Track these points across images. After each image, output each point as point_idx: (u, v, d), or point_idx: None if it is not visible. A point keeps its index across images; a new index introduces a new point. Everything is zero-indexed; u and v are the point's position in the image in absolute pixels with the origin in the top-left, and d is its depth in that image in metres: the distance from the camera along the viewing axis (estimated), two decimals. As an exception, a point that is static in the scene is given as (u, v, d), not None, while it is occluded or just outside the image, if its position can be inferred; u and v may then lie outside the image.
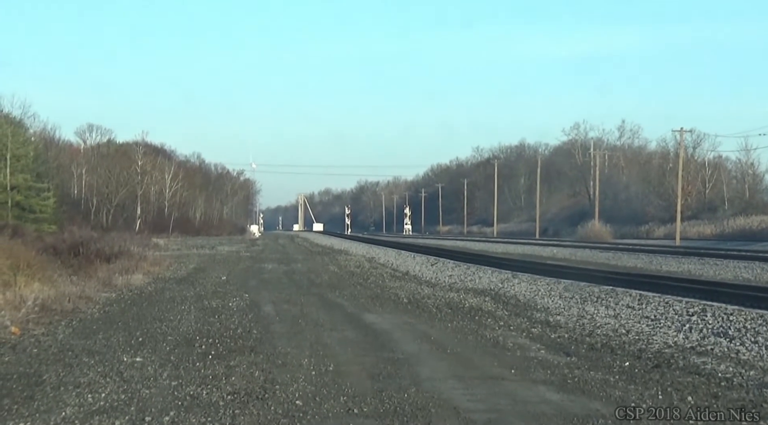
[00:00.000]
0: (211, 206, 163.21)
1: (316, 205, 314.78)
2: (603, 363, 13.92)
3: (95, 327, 18.08)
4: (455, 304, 23.55)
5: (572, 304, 23.50)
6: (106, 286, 27.65)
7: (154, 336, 16.71)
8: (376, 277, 35.07)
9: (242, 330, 17.74)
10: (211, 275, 35.24)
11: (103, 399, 11.01)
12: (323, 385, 11.93)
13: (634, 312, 21.27)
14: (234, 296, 25.51)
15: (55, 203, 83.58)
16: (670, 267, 43.34)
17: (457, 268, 40.40)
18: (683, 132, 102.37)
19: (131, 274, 32.16)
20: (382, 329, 18.40)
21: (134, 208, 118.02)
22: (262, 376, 12.55)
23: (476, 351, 15.32)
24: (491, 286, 29.89)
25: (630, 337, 17.13)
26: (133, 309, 21.78)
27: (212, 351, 14.80)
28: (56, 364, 13.46)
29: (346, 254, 61.23)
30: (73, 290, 24.27)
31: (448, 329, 18.38)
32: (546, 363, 13.86)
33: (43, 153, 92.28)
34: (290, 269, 40.73)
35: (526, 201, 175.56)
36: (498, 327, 18.62)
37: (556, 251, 65.11)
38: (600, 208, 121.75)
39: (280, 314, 21.12)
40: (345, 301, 24.72)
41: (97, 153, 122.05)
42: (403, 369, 13.28)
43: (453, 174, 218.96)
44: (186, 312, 21.05)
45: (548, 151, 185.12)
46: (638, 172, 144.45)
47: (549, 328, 18.55)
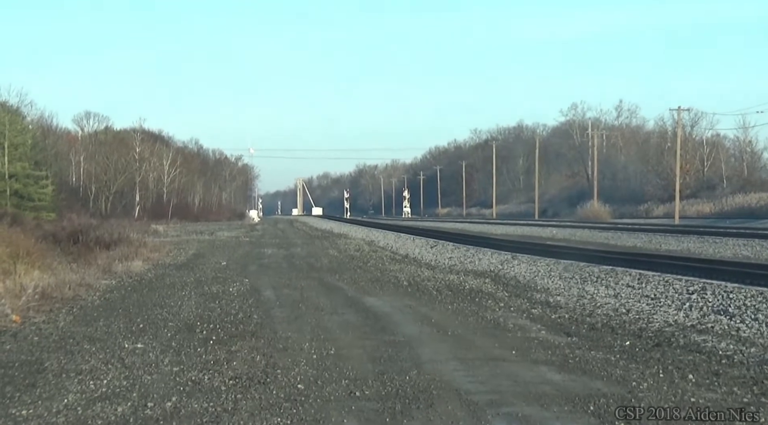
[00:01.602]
0: (209, 191, 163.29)
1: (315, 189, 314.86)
2: (604, 343, 13.93)
3: (96, 314, 18.09)
4: (455, 286, 23.56)
5: (572, 284, 23.51)
6: (105, 273, 27.65)
7: (154, 323, 16.71)
8: (376, 260, 35.08)
9: (243, 315, 17.74)
10: (211, 261, 35.25)
11: (105, 385, 11.02)
12: (325, 369, 11.94)
13: (634, 291, 21.28)
14: (234, 282, 25.51)
15: (54, 190, 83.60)
16: (669, 246, 43.35)
17: (457, 250, 40.41)
18: (681, 111, 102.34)
19: (131, 261, 32.15)
20: (382, 312, 18.41)
21: (133, 195, 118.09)
22: (263, 361, 12.56)
23: (477, 332, 15.33)
24: (491, 267, 29.90)
25: (630, 316, 17.15)
26: (133, 296, 21.79)
27: (213, 337, 14.81)
28: (57, 351, 13.47)
29: (345, 237, 61.22)
30: (73, 277, 24.27)
31: (449, 311, 18.39)
32: (547, 344, 13.88)
33: (41, 141, 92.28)
34: (290, 254, 40.73)
35: (525, 182, 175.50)
36: (498, 309, 18.63)
37: (555, 231, 65.11)
38: (599, 188, 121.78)
39: (281, 298, 21.13)
40: (345, 285, 24.73)
41: (94, 140, 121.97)
42: (404, 351, 13.30)
43: (451, 156, 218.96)
44: (186, 298, 21.05)
45: (546, 132, 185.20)
46: (636, 151, 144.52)
47: (549, 309, 18.56)
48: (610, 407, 9.66)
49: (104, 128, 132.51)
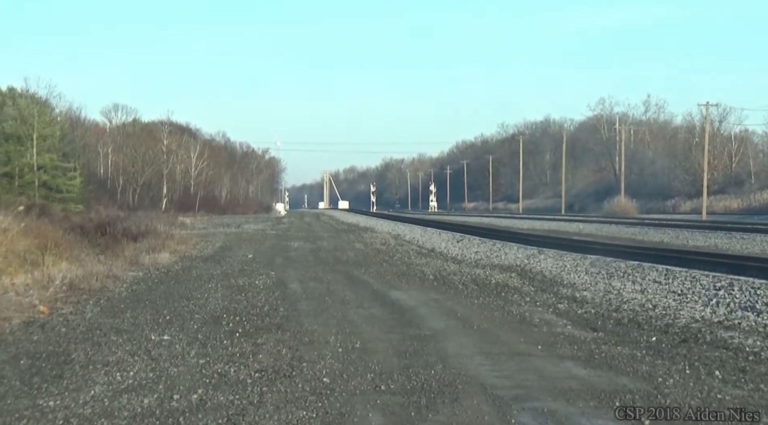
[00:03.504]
0: (236, 184, 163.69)
1: (341, 183, 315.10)
2: (630, 338, 13.87)
3: (123, 306, 18.15)
4: (481, 280, 23.52)
5: (599, 279, 23.43)
6: (133, 265, 27.74)
7: (181, 315, 16.76)
8: (402, 254, 35.05)
9: (269, 308, 17.77)
10: (238, 254, 35.30)
11: (132, 377, 11.05)
12: (350, 362, 11.94)
13: (661, 287, 21.19)
14: (260, 274, 25.54)
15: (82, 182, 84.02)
16: (696, 242, 43.14)
17: (483, 244, 40.33)
18: (709, 106, 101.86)
19: (158, 253, 32.27)
20: (408, 306, 18.40)
21: (160, 187, 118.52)
22: (289, 354, 12.57)
23: (503, 327, 15.30)
24: (517, 262, 29.83)
25: (657, 312, 17.08)
26: (160, 288, 21.85)
27: (239, 329, 14.83)
28: (85, 343, 13.52)
29: (371, 231, 61.20)
30: (100, 269, 24.36)
31: (475, 305, 18.36)
32: (573, 339, 13.83)
33: (69, 133, 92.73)
34: (316, 247, 40.75)
35: (552, 177, 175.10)
36: (524, 303, 18.59)
37: (582, 226, 64.92)
38: (626, 183, 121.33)
39: (307, 291, 21.15)
40: (371, 278, 24.73)
41: (122, 132, 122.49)
42: (429, 345, 13.28)
43: (478, 151, 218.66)
44: (213, 290, 21.10)
45: (573, 126, 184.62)
46: (664, 147, 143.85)
47: (575, 304, 18.50)
48: (636, 403, 9.63)
49: (132, 120, 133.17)
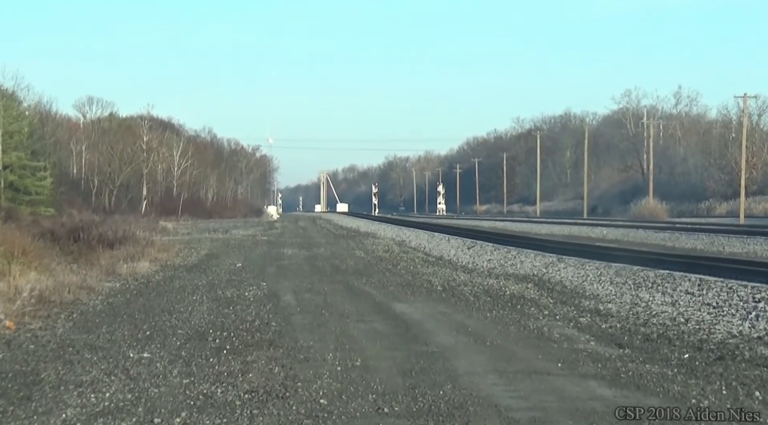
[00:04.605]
0: (224, 185, 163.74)
1: (340, 183, 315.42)
2: (660, 356, 13.87)
3: (98, 320, 18.16)
4: (495, 291, 23.53)
5: (625, 290, 23.42)
6: (109, 275, 27.77)
7: (162, 330, 16.77)
8: (407, 262, 35.07)
9: (260, 322, 17.78)
10: (225, 262, 35.34)
11: (108, 399, 11.05)
12: (350, 382, 11.94)
13: (694, 299, 21.18)
14: (250, 285, 25.57)
15: (53, 183, 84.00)
16: (733, 248, 43.12)
17: (497, 251, 40.35)
18: (747, 98, 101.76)
19: (137, 261, 32.29)
20: (414, 319, 18.42)
21: (139, 188, 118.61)
22: (282, 373, 12.58)
23: (518, 342, 15.30)
24: (534, 271, 29.84)
25: (689, 326, 17.07)
26: (139, 300, 21.87)
27: (227, 346, 14.85)
28: (55, 361, 13.52)
29: (373, 237, 61.26)
30: (73, 279, 24.38)
31: (487, 319, 18.37)
32: (596, 356, 13.83)
33: (39, 129, 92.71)
34: (312, 255, 40.78)
35: (572, 177, 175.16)
36: (542, 317, 18.60)
37: (606, 231, 64.91)
38: (654, 183, 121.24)
39: (302, 304, 21.16)
40: (373, 289, 24.75)
41: (97, 128, 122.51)
42: (437, 363, 13.29)
43: (491, 148, 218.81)
44: (198, 303, 21.12)
45: (596, 121, 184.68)
46: (697, 143, 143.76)
47: (599, 317, 18.51)
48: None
49: (108, 114, 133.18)
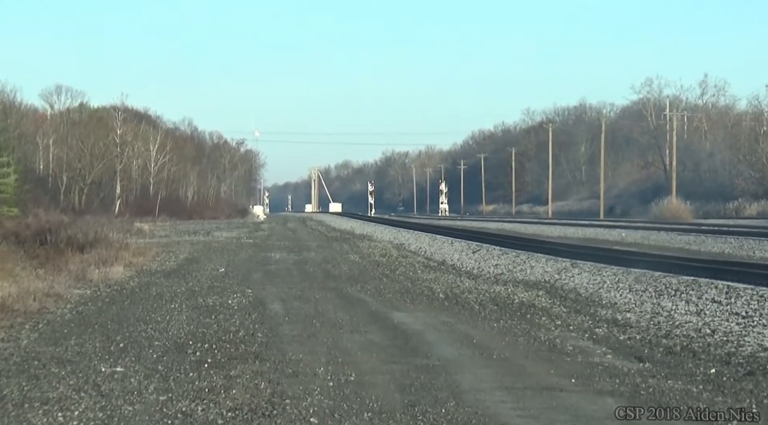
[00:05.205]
0: (205, 183, 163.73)
1: (333, 181, 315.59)
2: (683, 370, 13.86)
3: (66, 331, 18.14)
4: (502, 299, 23.56)
5: (645, 298, 23.44)
6: (79, 281, 27.75)
7: (137, 341, 16.75)
8: (406, 267, 35.11)
9: (244, 333, 17.78)
10: (207, 267, 35.35)
11: (77, 418, 11.03)
12: (343, 399, 11.94)
13: (721, 308, 21.18)
14: (234, 292, 25.58)
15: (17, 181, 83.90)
16: (764, 253, 43.13)
17: (505, 256, 40.36)
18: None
19: (110, 266, 32.27)
20: (413, 330, 18.43)
21: (113, 186, 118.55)
22: (268, 388, 12.57)
23: (528, 356, 15.31)
24: (546, 277, 29.86)
25: (716, 338, 17.07)
26: (112, 309, 21.86)
27: (208, 359, 14.84)
28: (19, 376, 13.50)
29: (369, 240, 61.33)
30: (39, 286, 24.36)
31: (494, 329, 18.39)
32: (613, 371, 13.83)
33: (2, 120, 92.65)
34: (302, 259, 40.81)
35: (588, 174, 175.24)
36: (555, 327, 18.61)
37: (624, 234, 64.95)
38: (678, 181, 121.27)
39: (291, 313, 21.17)
40: (368, 297, 24.78)
41: (66, 120, 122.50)
42: (439, 378, 13.29)
43: (498, 142, 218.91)
44: (176, 312, 21.12)
45: (614, 113, 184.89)
46: (725, 137, 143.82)
47: (617, 328, 18.52)
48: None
49: (78, 105, 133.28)
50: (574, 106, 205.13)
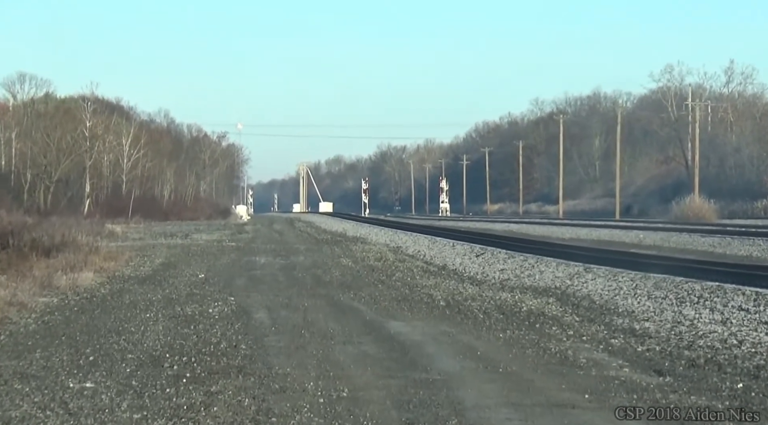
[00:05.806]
0: (183, 181, 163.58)
1: (323, 178, 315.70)
2: (708, 385, 13.85)
3: (31, 343, 18.14)
4: (509, 308, 23.57)
5: (665, 306, 23.46)
6: (44, 288, 27.74)
7: (109, 354, 16.75)
8: (404, 273, 35.12)
9: (227, 345, 17.78)
10: (185, 273, 35.35)
11: (43, 438, 11.04)
12: (334, 416, 11.95)
13: (749, 317, 21.20)
14: (216, 300, 25.58)
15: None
16: (795, 256, 43.18)
17: (511, 260, 40.40)
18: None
19: (78, 272, 32.25)
20: (412, 341, 18.45)
21: (81, 184, 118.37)
22: (253, 405, 12.58)
23: (537, 369, 15.32)
24: (557, 283, 29.88)
25: (744, 350, 17.08)
26: (81, 319, 21.85)
27: (187, 373, 14.84)
28: (-20, 392, 13.50)
29: (363, 242, 61.35)
30: (0, 294, 24.33)
31: (500, 340, 18.40)
32: (631, 385, 13.82)
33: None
34: (289, 264, 40.83)
35: (602, 170, 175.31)
36: (566, 338, 18.62)
37: (642, 235, 65.02)
38: (701, 178, 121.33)
39: (277, 323, 21.19)
40: (362, 305, 24.80)
41: (30, 112, 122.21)
42: (440, 394, 13.30)
43: (504, 135, 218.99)
44: (152, 322, 21.12)
45: (631, 103, 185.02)
46: (752, 129, 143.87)
47: (634, 338, 18.53)
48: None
49: (43, 95, 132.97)
50: (588, 95, 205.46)
